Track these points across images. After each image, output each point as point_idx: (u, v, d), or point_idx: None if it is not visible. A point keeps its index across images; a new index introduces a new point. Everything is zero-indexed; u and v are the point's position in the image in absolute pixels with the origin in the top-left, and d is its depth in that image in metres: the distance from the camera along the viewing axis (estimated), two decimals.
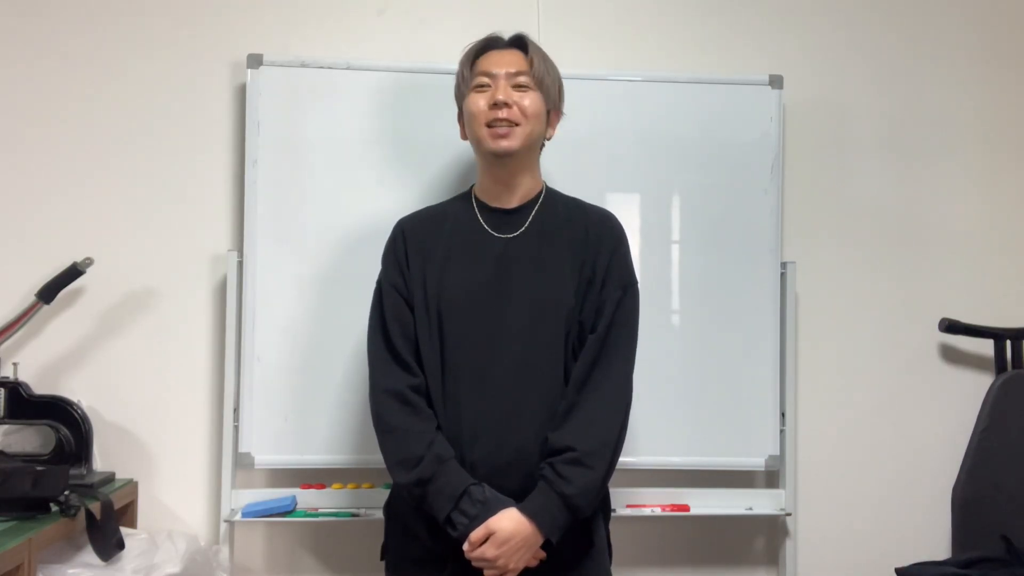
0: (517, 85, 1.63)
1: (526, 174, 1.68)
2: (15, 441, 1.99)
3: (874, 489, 2.30)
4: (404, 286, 1.65)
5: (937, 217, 2.36)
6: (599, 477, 1.54)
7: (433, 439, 1.55)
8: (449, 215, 1.71)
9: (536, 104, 1.64)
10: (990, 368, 2.32)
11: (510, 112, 1.61)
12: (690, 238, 2.15)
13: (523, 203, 1.68)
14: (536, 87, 1.64)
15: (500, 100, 1.61)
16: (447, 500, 1.51)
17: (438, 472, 1.52)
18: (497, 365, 1.58)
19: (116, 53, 2.14)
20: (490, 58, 1.67)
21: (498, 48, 1.69)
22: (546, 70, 1.67)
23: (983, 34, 2.40)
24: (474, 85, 1.65)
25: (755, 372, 2.14)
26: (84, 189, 2.12)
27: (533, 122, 1.63)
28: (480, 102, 1.63)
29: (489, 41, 1.70)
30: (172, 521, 2.09)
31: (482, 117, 1.62)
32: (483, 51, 1.69)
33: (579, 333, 1.62)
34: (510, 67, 1.64)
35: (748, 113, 2.17)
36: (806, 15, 2.34)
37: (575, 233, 1.66)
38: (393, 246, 1.69)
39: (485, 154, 1.65)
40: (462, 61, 1.70)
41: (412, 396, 1.58)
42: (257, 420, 2.02)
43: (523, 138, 1.62)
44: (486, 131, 1.62)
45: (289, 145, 2.06)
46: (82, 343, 2.11)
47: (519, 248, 1.64)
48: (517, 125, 1.61)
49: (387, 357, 1.61)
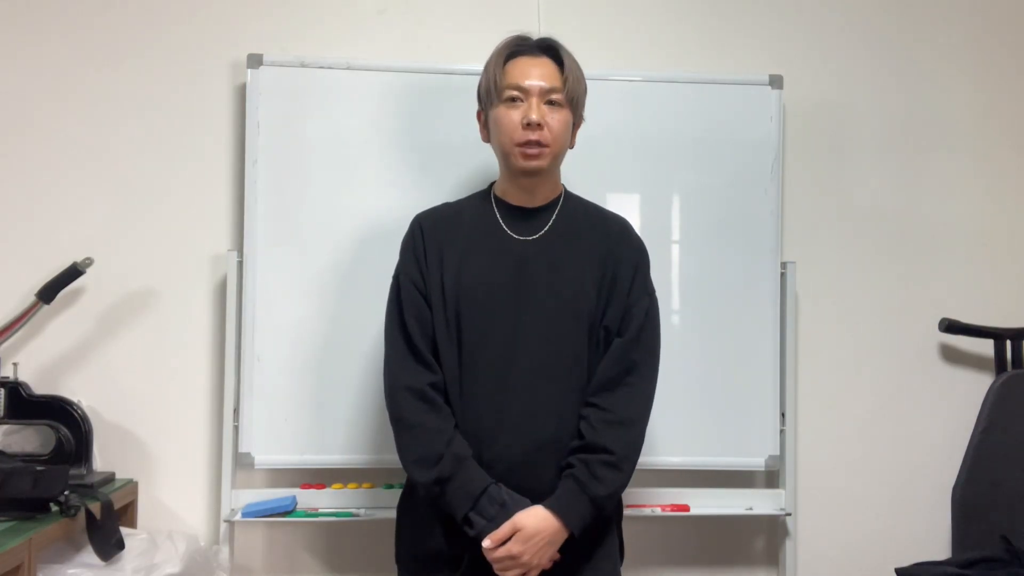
0: (550, 101, 1.58)
1: (548, 183, 1.67)
2: (15, 441, 1.99)
3: (874, 489, 2.30)
4: (422, 281, 1.62)
5: (937, 217, 2.36)
6: (626, 480, 1.56)
7: (452, 437, 1.54)
8: (468, 213, 1.69)
9: (566, 123, 1.61)
10: (990, 368, 2.32)
11: (542, 135, 1.57)
12: (690, 238, 2.15)
13: (544, 204, 1.67)
14: (567, 104, 1.60)
15: (534, 121, 1.56)
16: (466, 499, 1.50)
17: (457, 471, 1.51)
18: (515, 364, 1.57)
19: (116, 53, 2.14)
20: (522, 67, 1.59)
21: (530, 54, 1.61)
22: (578, 83, 1.61)
23: (983, 34, 2.40)
24: (505, 97, 1.59)
25: (755, 372, 2.14)
26: (84, 189, 2.12)
27: (563, 140, 1.61)
28: (514, 117, 1.58)
29: (520, 44, 1.63)
30: (172, 521, 2.09)
31: (514, 135, 1.58)
32: (513, 55, 1.61)
33: (605, 336, 1.61)
34: (544, 82, 1.58)
35: (748, 113, 2.17)
36: (806, 15, 2.34)
37: (596, 237, 1.65)
38: (412, 241, 1.66)
39: (512, 169, 1.63)
40: (492, 63, 1.62)
41: (431, 393, 1.56)
42: (257, 420, 2.02)
43: (551, 158, 1.61)
44: (516, 149, 1.59)
45: (289, 145, 2.06)
46: (82, 343, 2.11)
47: (539, 249, 1.63)
48: (547, 147, 1.59)
49: (406, 353, 1.59)
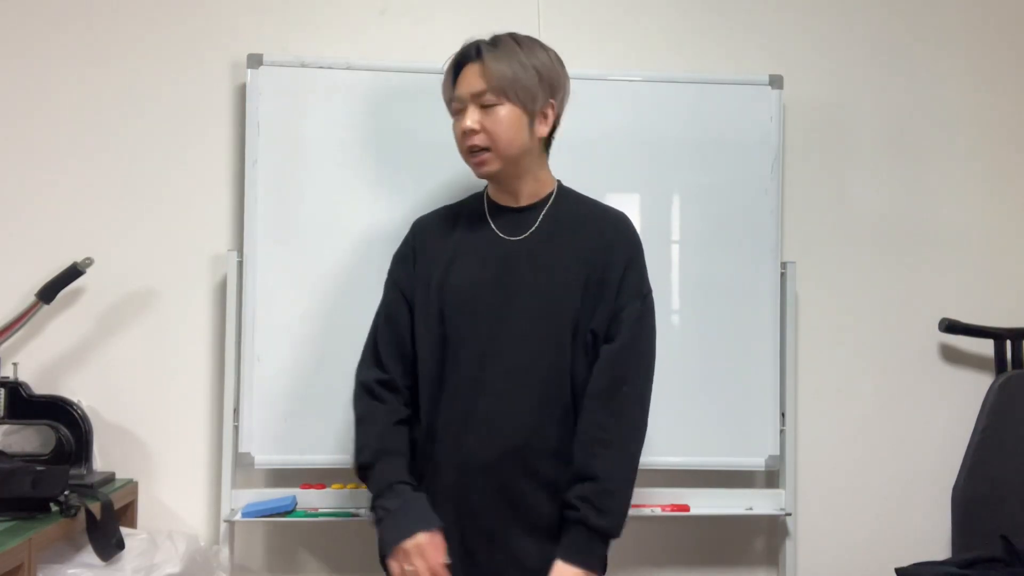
0: (483, 105, 1.56)
1: (525, 178, 1.65)
2: (15, 441, 1.99)
3: (874, 489, 2.30)
4: (407, 282, 1.67)
5: (937, 217, 2.36)
6: (630, 498, 1.57)
7: (385, 431, 1.61)
8: (462, 214, 1.71)
9: (506, 119, 1.56)
10: (990, 368, 2.32)
11: (479, 138, 1.57)
12: (690, 238, 2.15)
13: (532, 202, 1.66)
14: (504, 99, 1.56)
15: (467, 128, 1.57)
16: (375, 489, 1.58)
17: (377, 462, 1.58)
18: (491, 365, 1.58)
19: (116, 53, 2.14)
20: (461, 76, 1.59)
21: (471, 62, 1.59)
22: (513, 74, 1.55)
23: (983, 34, 2.40)
24: (453, 111, 1.62)
25: (755, 372, 2.14)
26: (84, 189, 2.12)
27: (507, 138, 1.57)
28: (457, 128, 1.61)
29: (462, 56, 1.61)
30: (172, 521, 2.09)
31: (461, 144, 1.61)
32: (459, 65, 1.61)
33: (592, 340, 1.59)
34: (472, 87, 1.56)
35: (748, 113, 2.17)
36: (806, 15, 2.34)
37: (588, 235, 1.64)
38: (406, 244, 1.72)
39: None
40: (444, 78, 1.64)
41: (378, 389, 1.64)
42: (257, 420, 2.02)
43: (500, 159, 1.59)
44: (469, 158, 1.61)
45: (289, 145, 2.06)
46: (82, 343, 2.11)
47: (526, 249, 1.63)
48: (489, 150, 1.58)
49: (368, 351, 1.69)
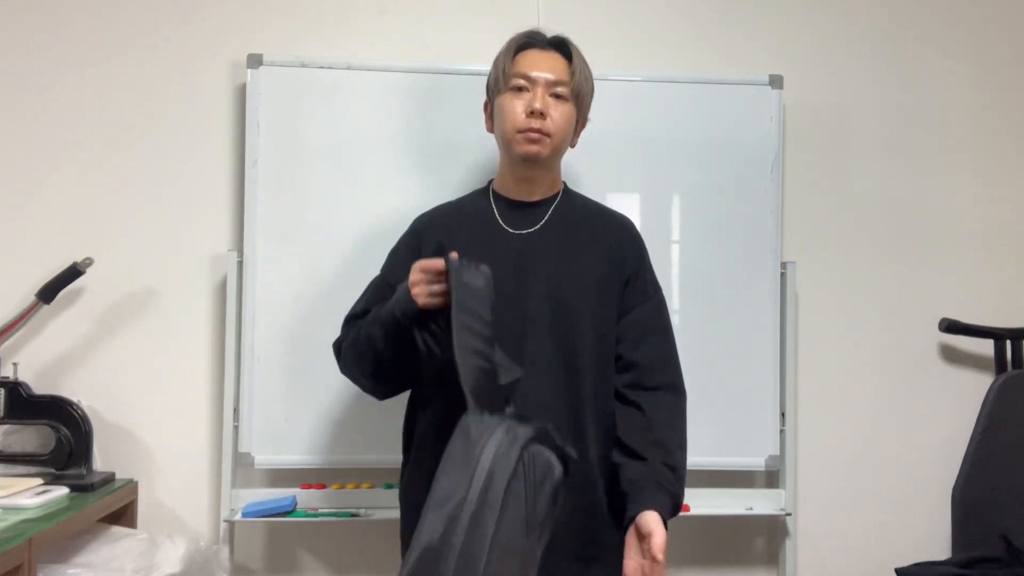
0: (555, 94, 1.59)
1: (547, 177, 1.66)
2: (15, 441, 1.99)
3: (874, 489, 2.30)
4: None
5: (937, 217, 2.36)
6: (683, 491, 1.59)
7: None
8: (467, 210, 1.69)
9: (569, 117, 1.61)
10: (990, 368, 2.32)
11: (543, 124, 1.58)
12: (690, 238, 2.15)
13: (543, 198, 1.67)
14: (572, 99, 1.61)
15: (537, 109, 1.57)
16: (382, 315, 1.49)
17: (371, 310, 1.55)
18: (517, 353, 1.54)
19: (116, 53, 2.14)
20: (531, 58, 1.61)
21: (540, 48, 1.62)
22: (585, 81, 1.62)
23: (983, 34, 2.40)
24: (511, 86, 1.60)
25: (755, 372, 2.14)
26: (84, 189, 2.12)
27: (563, 133, 1.61)
28: (517, 105, 1.59)
29: (531, 38, 1.64)
30: (172, 521, 2.09)
31: (517, 122, 1.59)
32: (524, 47, 1.63)
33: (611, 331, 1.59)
34: (551, 74, 1.59)
35: (748, 113, 2.17)
36: (806, 15, 2.34)
37: (595, 231, 1.65)
38: (407, 244, 1.68)
39: (513, 155, 1.63)
40: (502, 54, 1.64)
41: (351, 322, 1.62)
42: (257, 420, 2.02)
43: (552, 148, 1.60)
44: (518, 136, 1.59)
45: (289, 145, 2.06)
46: (82, 343, 2.11)
47: (537, 243, 1.62)
48: (549, 136, 1.59)
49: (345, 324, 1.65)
